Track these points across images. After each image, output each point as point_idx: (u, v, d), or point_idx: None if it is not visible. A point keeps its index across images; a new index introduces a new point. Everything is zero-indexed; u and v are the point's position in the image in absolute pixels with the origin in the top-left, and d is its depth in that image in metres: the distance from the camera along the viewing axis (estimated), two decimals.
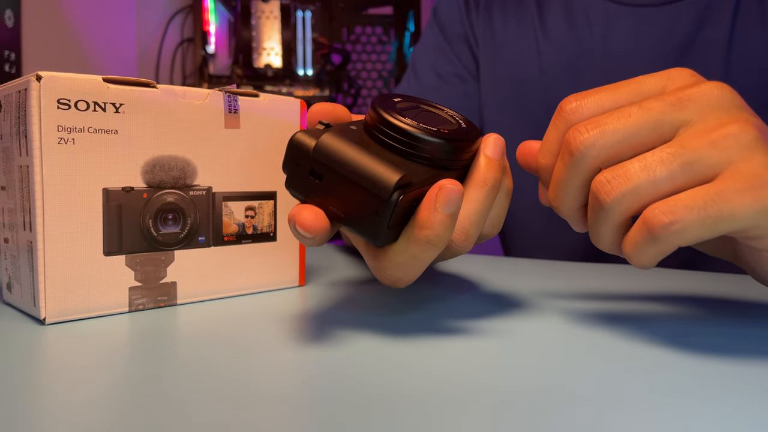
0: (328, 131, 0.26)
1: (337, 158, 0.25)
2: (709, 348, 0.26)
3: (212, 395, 0.20)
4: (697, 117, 0.25)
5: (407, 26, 1.93)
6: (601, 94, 0.28)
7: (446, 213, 0.25)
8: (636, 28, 0.56)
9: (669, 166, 0.24)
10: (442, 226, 0.25)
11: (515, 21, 0.63)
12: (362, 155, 0.25)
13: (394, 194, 0.24)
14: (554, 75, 0.60)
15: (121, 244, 0.30)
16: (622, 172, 0.25)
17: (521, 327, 0.29)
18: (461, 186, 0.25)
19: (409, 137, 0.27)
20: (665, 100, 0.25)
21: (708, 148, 0.24)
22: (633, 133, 0.25)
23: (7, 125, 0.30)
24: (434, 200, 0.25)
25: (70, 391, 0.21)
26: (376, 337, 0.27)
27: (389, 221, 0.25)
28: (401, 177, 0.24)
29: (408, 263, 0.27)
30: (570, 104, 0.28)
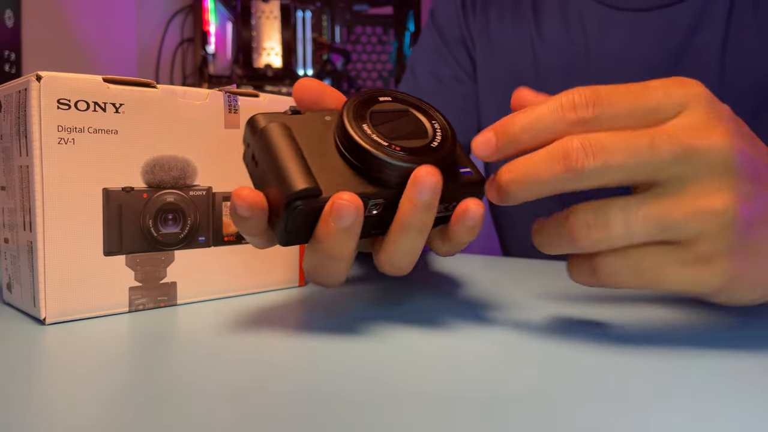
0: (285, 120, 0.27)
1: (269, 149, 0.26)
2: (705, 348, 0.26)
3: (212, 395, 0.20)
4: (695, 174, 0.24)
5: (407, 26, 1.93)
6: (618, 108, 0.25)
7: (339, 227, 0.25)
8: (630, 32, 0.57)
9: (647, 228, 0.25)
10: (335, 239, 0.25)
11: (512, 23, 0.64)
12: (289, 154, 0.26)
13: (295, 202, 0.25)
14: (549, 77, 0.60)
15: (121, 244, 0.30)
16: (604, 222, 0.25)
17: (518, 328, 0.29)
18: (358, 201, 0.25)
19: (352, 146, 0.26)
20: (675, 148, 0.24)
21: (688, 219, 0.24)
22: (634, 172, 0.25)
23: (7, 125, 0.30)
24: (329, 213, 0.25)
25: (69, 391, 0.21)
26: (376, 337, 0.27)
27: (286, 225, 0.25)
28: (306, 188, 0.25)
29: (317, 269, 0.27)
30: (586, 111, 0.25)
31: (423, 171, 0.26)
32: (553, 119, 0.26)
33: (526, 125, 0.26)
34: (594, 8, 0.59)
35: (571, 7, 0.60)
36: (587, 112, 0.25)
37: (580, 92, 0.26)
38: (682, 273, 0.26)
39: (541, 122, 0.26)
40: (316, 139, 0.27)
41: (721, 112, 0.26)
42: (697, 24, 0.54)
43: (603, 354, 0.25)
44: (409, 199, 0.26)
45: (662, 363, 0.24)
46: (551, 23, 0.61)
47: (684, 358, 0.25)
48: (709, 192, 0.24)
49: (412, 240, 0.27)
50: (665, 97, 0.25)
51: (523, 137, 0.26)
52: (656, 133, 0.25)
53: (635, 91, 0.26)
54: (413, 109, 0.29)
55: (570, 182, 0.25)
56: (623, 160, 0.24)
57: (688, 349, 0.26)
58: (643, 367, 0.24)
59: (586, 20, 0.59)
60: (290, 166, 0.25)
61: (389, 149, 0.26)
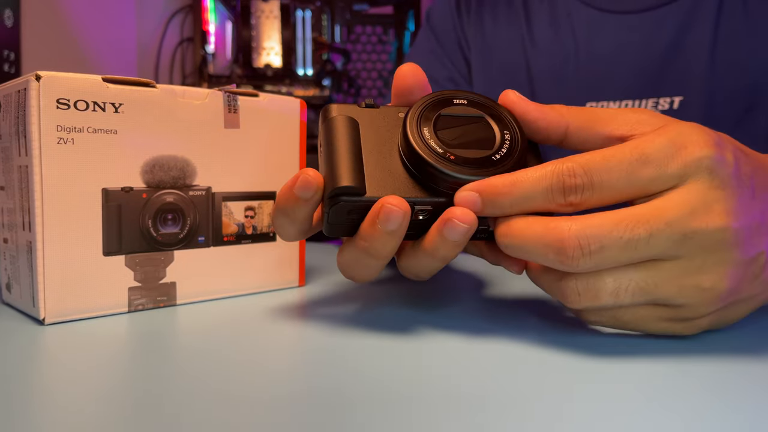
0: (357, 113, 0.27)
1: (329, 140, 0.27)
2: (703, 347, 0.26)
3: (212, 395, 0.20)
4: (688, 254, 0.24)
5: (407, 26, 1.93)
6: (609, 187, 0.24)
7: (385, 229, 0.25)
8: (619, 34, 0.57)
9: (635, 298, 0.25)
10: (379, 240, 0.26)
11: (505, 25, 0.64)
12: (345, 149, 0.26)
13: (336, 197, 0.25)
14: (540, 79, 0.61)
15: (121, 244, 0.30)
16: (594, 290, 0.25)
17: (519, 328, 0.29)
18: (406, 207, 0.25)
19: (410, 151, 0.26)
20: (673, 236, 0.24)
21: (675, 293, 0.25)
22: (627, 261, 0.24)
23: (7, 125, 0.30)
24: (376, 214, 0.25)
25: (69, 391, 0.21)
26: (376, 337, 0.27)
27: (329, 217, 0.26)
28: (349, 186, 0.25)
29: (354, 264, 0.28)
30: (575, 196, 0.24)
31: (457, 213, 0.25)
32: (543, 200, 0.25)
33: (514, 200, 0.25)
34: (583, 11, 0.59)
35: (560, 9, 0.61)
36: (577, 197, 0.24)
37: (570, 169, 0.24)
38: (661, 326, 0.27)
39: (529, 201, 0.25)
40: (381, 136, 0.27)
41: (723, 173, 0.24)
42: (686, 25, 0.54)
43: (605, 354, 0.25)
44: (438, 231, 0.26)
45: (666, 364, 0.24)
46: (541, 25, 0.62)
47: (684, 357, 0.25)
48: (699, 269, 0.24)
49: (434, 263, 0.28)
50: (659, 173, 0.24)
51: (509, 210, 0.25)
52: (655, 222, 0.24)
53: (628, 166, 0.24)
54: (489, 116, 0.28)
55: (561, 266, 0.24)
56: (619, 255, 0.24)
57: (687, 349, 0.26)
58: (651, 367, 0.24)
59: (576, 22, 0.60)
60: (341, 161, 0.26)
61: (442, 157, 0.26)
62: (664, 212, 0.24)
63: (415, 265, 0.28)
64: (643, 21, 0.56)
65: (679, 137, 0.25)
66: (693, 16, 0.54)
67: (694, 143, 0.24)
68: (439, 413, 0.19)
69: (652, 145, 0.24)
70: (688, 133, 0.25)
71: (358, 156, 0.26)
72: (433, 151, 0.26)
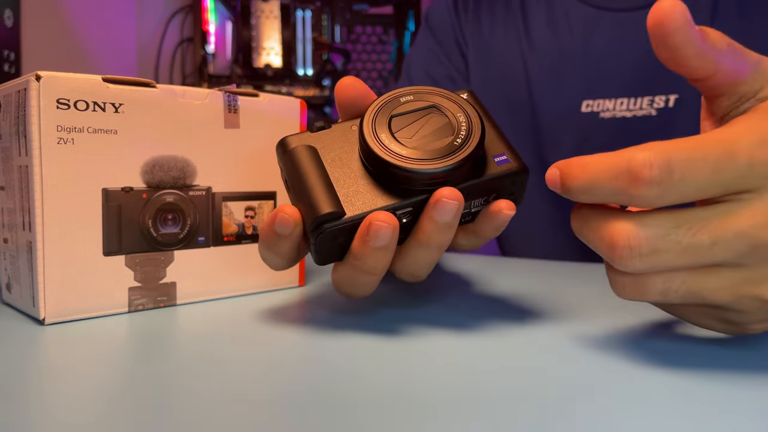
0: (310, 140, 0.27)
1: (295, 173, 0.27)
2: (699, 348, 0.26)
3: (212, 395, 0.20)
4: (752, 263, 0.22)
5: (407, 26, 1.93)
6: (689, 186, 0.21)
7: (375, 246, 0.25)
8: (615, 32, 0.57)
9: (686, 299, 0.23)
10: (372, 257, 0.26)
11: (502, 23, 0.65)
12: (312, 178, 0.26)
13: (320, 226, 0.26)
14: (537, 77, 0.61)
15: (121, 244, 0.30)
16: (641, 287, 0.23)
17: (517, 329, 0.29)
18: (394, 221, 0.25)
19: (375, 160, 0.26)
20: (739, 247, 0.21)
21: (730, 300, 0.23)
22: (684, 266, 0.22)
23: (7, 125, 0.30)
24: (365, 233, 0.25)
25: (69, 391, 0.21)
26: (376, 337, 0.27)
27: (316, 247, 0.26)
28: (329, 212, 0.25)
29: (350, 283, 0.28)
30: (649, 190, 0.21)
31: (445, 193, 0.25)
32: (611, 189, 0.22)
33: (582, 186, 0.23)
34: (580, 9, 0.60)
35: (557, 7, 0.61)
36: (651, 191, 0.21)
37: (649, 162, 0.21)
38: (710, 323, 0.26)
39: (596, 188, 0.22)
40: (341, 154, 0.28)
41: None
42: None
43: (605, 355, 0.25)
44: (429, 218, 0.26)
45: (669, 363, 0.24)
46: (538, 23, 0.62)
47: (682, 358, 0.25)
48: (762, 280, 0.22)
49: (431, 254, 0.27)
50: (748, 170, 0.21)
51: (581, 197, 0.23)
52: (722, 230, 0.21)
53: (715, 162, 0.21)
54: (439, 104, 0.28)
55: (611, 263, 0.23)
56: (674, 260, 0.22)
57: (686, 350, 0.26)
58: (653, 366, 0.24)
59: (572, 20, 0.60)
60: (313, 191, 0.26)
61: (409, 159, 0.26)
62: (735, 219, 0.22)
63: (411, 264, 0.28)
64: (639, 18, 0.56)
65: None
66: None
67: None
68: (440, 413, 0.19)
69: (743, 139, 0.22)
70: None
71: (327, 181, 0.27)
72: (399, 155, 0.26)
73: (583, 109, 0.58)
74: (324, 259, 0.28)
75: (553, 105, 0.60)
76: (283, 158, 0.28)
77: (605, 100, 0.57)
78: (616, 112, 0.56)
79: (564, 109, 0.59)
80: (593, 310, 0.33)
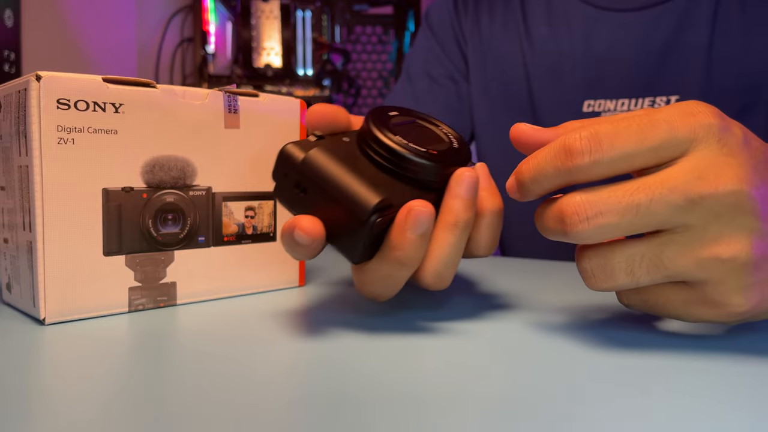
0: (318, 145, 0.27)
1: (322, 175, 0.26)
2: (696, 349, 0.26)
3: (212, 395, 0.20)
4: (699, 223, 0.23)
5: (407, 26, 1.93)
6: (619, 152, 0.24)
7: (415, 234, 0.26)
8: (616, 32, 0.57)
9: (652, 276, 0.25)
10: (412, 247, 0.26)
11: (502, 23, 0.65)
12: (346, 174, 0.26)
13: (372, 217, 0.25)
14: (537, 76, 0.61)
15: (121, 244, 0.30)
16: (607, 270, 0.25)
17: (520, 329, 0.29)
18: (431, 207, 0.26)
19: (396, 156, 0.27)
20: (677, 200, 0.23)
21: (693, 268, 0.24)
22: (629, 228, 0.24)
23: (7, 125, 0.30)
24: (404, 222, 0.26)
25: (69, 391, 0.21)
26: (376, 337, 0.27)
27: (365, 241, 0.26)
28: (380, 200, 0.25)
29: (383, 281, 0.28)
30: (582, 158, 0.24)
31: (463, 170, 0.28)
32: (553, 170, 0.25)
33: (532, 177, 0.26)
34: (579, 8, 0.60)
35: (556, 7, 0.61)
36: (584, 159, 0.24)
37: (579, 135, 0.24)
38: (693, 311, 0.26)
39: (542, 174, 0.25)
40: (348, 158, 0.28)
41: (732, 142, 0.24)
42: (682, 24, 0.54)
43: (605, 355, 0.25)
44: (456, 196, 0.27)
45: (671, 362, 0.24)
46: (538, 23, 0.62)
47: (681, 359, 0.25)
48: (715, 239, 0.23)
49: (459, 239, 0.28)
50: (670, 134, 0.23)
51: (533, 188, 0.26)
52: (656, 187, 0.23)
53: (638, 130, 0.24)
54: (418, 120, 0.30)
55: (565, 236, 0.25)
56: (617, 221, 0.23)
57: (685, 350, 0.26)
58: (656, 365, 0.24)
59: (572, 20, 0.60)
60: (354, 186, 0.26)
61: (430, 154, 0.28)
62: (668, 178, 0.23)
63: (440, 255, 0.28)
64: (640, 19, 0.56)
65: (687, 106, 0.24)
66: (689, 15, 0.54)
67: (702, 112, 0.24)
68: (441, 413, 0.19)
69: (662, 112, 0.24)
70: (695, 103, 0.25)
71: (360, 175, 0.26)
72: (420, 152, 0.28)
73: (585, 110, 0.58)
74: (364, 254, 0.27)
75: (553, 104, 0.60)
76: (296, 165, 0.27)
77: (606, 100, 0.57)
78: (618, 112, 0.56)
79: (565, 108, 0.59)
80: (593, 310, 0.33)
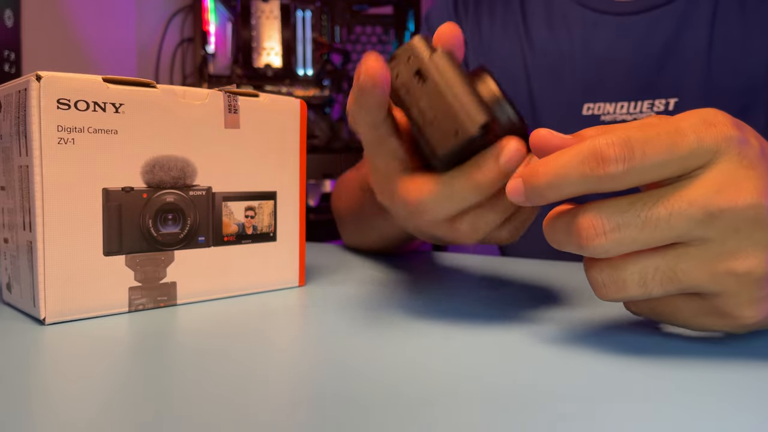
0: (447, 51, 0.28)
1: (449, 74, 0.27)
2: (696, 348, 0.26)
3: (212, 395, 0.20)
4: (718, 237, 0.23)
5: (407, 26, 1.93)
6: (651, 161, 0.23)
7: (504, 165, 0.26)
8: (615, 35, 0.57)
9: (665, 287, 0.24)
10: (494, 176, 0.26)
11: (502, 25, 0.65)
12: (468, 85, 0.27)
13: (481, 129, 0.26)
14: (537, 78, 0.61)
15: (121, 244, 0.30)
16: (619, 281, 0.24)
17: (520, 329, 0.29)
18: (526, 151, 0.26)
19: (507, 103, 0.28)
20: (696, 214, 0.23)
21: (707, 281, 0.23)
22: (647, 242, 0.23)
23: (7, 125, 0.30)
24: (500, 151, 0.26)
25: (69, 391, 0.21)
26: (376, 337, 0.27)
27: (461, 148, 0.27)
28: (493, 120, 0.26)
29: (443, 199, 0.28)
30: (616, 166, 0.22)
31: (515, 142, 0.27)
32: (579, 176, 0.23)
33: (551, 181, 0.24)
34: (579, 12, 0.60)
35: (556, 10, 0.62)
36: (617, 167, 0.22)
37: (609, 142, 0.23)
38: (701, 322, 0.25)
39: (565, 179, 0.23)
40: (470, 76, 0.29)
41: (751, 154, 0.23)
42: (681, 26, 0.54)
43: (605, 355, 0.25)
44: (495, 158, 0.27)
45: (671, 362, 0.24)
46: (538, 25, 0.62)
47: (680, 358, 0.25)
48: (732, 253, 0.23)
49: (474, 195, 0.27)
50: (698, 144, 0.23)
51: (548, 194, 0.24)
52: (675, 201, 0.23)
53: (667, 138, 0.23)
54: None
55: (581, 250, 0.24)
56: (636, 235, 0.23)
57: (685, 350, 0.26)
58: (656, 366, 0.24)
59: (571, 23, 0.60)
60: (475, 97, 0.27)
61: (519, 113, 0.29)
62: (688, 191, 0.23)
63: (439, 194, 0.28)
64: (639, 22, 0.56)
65: (707, 116, 0.24)
66: (688, 18, 0.54)
67: (723, 123, 0.23)
68: (441, 413, 0.19)
69: (684, 121, 0.23)
70: (714, 113, 0.24)
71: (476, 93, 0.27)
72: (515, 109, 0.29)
73: (584, 112, 0.58)
74: (451, 161, 0.27)
75: (553, 105, 0.60)
76: (430, 53, 0.27)
77: (606, 103, 0.57)
78: (617, 115, 0.56)
79: (564, 111, 0.59)
80: (593, 311, 0.33)
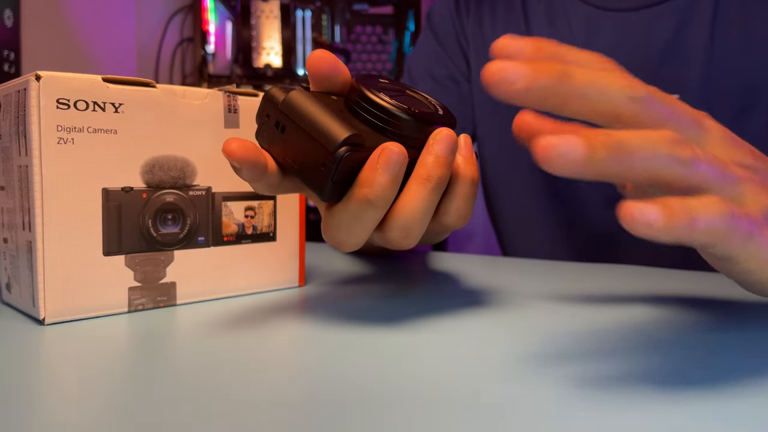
0: (300, 89, 0.28)
1: (299, 112, 0.27)
2: (697, 349, 0.26)
3: (211, 396, 0.20)
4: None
5: (407, 26, 1.93)
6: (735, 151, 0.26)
7: (387, 173, 0.26)
8: (616, 31, 0.57)
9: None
10: (381, 186, 0.26)
11: (503, 23, 0.65)
12: (323, 113, 0.27)
13: (341, 149, 0.25)
14: None
15: (121, 244, 0.30)
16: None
17: (521, 329, 0.29)
18: (405, 151, 0.26)
19: (379, 109, 0.28)
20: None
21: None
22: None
23: (7, 125, 0.30)
24: (377, 160, 0.26)
25: (69, 391, 0.21)
26: (376, 337, 0.27)
27: (334, 175, 0.26)
28: (351, 135, 0.26)
29: (349, 224, 0.28)
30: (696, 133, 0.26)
31: (443, 129, 0.28)
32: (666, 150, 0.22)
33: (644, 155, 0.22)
34: (580, 8, 0.60)
35: (557, 7, 0.62)
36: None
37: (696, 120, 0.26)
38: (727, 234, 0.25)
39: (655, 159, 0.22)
40: (332, 104, 0.28)
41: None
42: (682, 24, 0.54)
43: (606, 356, 0.25)
44: (432, 152, 0.28)
45: (671, 363, 0.24)
46: (539, 23, 0.62)
47: (680, 359, 0.25)
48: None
49: (430, 195, 0.27)
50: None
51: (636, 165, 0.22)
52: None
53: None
54: (407, 90, 0.31)
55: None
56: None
57: (683, 350, 0.26)
58: (657, 366, 0.24)
59: (573, 20, 0.60)
60: (328, 122, 0.26)
61: (412, 111, 0.28)
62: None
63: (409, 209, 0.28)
64: (640, 19, 0.56)
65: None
66: (689, 15, 0.54)
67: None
68: (441, 414, 0.19)
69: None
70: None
71: (338, 114, 0.27)
72: (403, 109, 0.28)
73: None
74: (333, 190, 0.27)
75: None
76: (278, 104, 0.28)
77: None
78: None
79: None
80: (594, 311, 0.33)
